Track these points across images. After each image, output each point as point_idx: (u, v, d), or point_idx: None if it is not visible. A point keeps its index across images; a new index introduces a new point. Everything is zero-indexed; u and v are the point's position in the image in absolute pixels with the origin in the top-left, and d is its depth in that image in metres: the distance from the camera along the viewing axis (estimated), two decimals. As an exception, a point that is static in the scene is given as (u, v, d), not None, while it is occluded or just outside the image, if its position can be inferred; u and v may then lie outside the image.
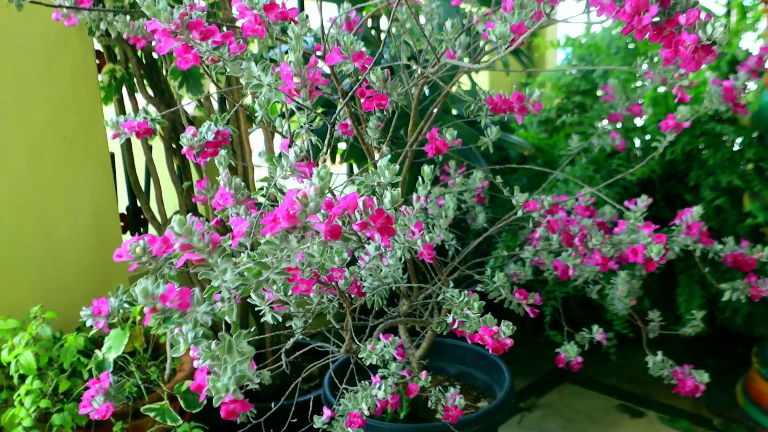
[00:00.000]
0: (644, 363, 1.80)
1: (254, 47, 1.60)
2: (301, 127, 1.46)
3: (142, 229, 2.38)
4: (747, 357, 2.65)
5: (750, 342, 2.79)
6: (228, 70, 1.07)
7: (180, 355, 1.03)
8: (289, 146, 1.15)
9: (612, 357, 2.45)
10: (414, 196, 1.48)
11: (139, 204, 2.25)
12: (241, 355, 0.77)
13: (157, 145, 2.21)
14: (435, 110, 1.53)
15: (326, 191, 0.81)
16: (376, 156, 1.60)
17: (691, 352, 2.77)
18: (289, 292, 1.09)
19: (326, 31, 1.34)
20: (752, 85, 1.74)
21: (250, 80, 1.09)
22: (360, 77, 1.27)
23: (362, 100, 1.23)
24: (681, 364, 1.78)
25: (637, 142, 2.67)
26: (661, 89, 2.57)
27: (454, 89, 1.49)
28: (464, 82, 2.87)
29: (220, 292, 0.91)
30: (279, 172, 1.14)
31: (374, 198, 0.90)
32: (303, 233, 0.81)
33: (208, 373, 0.79)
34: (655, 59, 1.33)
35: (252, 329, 0.93)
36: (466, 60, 1.57)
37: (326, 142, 1.34)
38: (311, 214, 0.81)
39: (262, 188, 1.33)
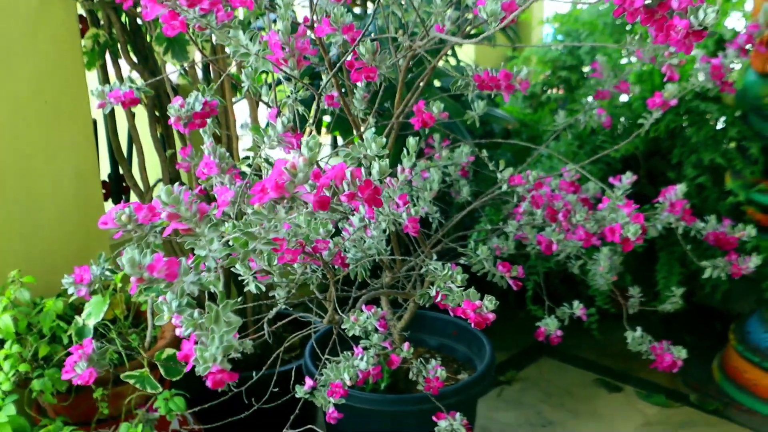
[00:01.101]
0: (623, 339, 1.82)
1: (240, 15, 1.58)
2: (288, 97, 1.45)
3: (123, 197, 2.36)
4: (724, 334, 2.68)
5: (727, 319, 2.82)
6: (215, 38, 1.06)
7: (163, 324, 1.03)
8: (277, 116, 1.14)
9: (594, 333, 2.47)
10: (399, 168, 1.48)
11: (121, 171, 2.23)
12: (228, 325, 0.77)
13: (140, 111, 2.19)
14: (422, 83, 1.52)
15: (315, 162, 0.80)
16: (362, 128, 1.59)
17: (669, 329, 2.80)
18: (274, 262, 1.09)
19: (315, 2, 1.32)
20: (736, 65, 1.74)
21: (237, 49, 1.08)
22: (348, 48, 1.26)
23: (350, 72, 1.22)
24: (659, 340, 1.80)
25: (622, 119, 2.68)
26: (647, 66, 2.57)
27: (441, 63, 1.48)
28: (449, 56, 2.86)
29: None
30: (266, 142, 1.13)
31: (362, 169, 0.90)
32: (291, 204, 0.81)
33: (195, 342, 0.79)
34: (645, 37, 1.33)
35: (239, 299, 0.93)
36: (453, 34, 1.57)
37: (313, 112, 1.33)
38: (300, 185, 0.80)
39: (247, 158, 1.33)
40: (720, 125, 2.51)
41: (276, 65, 1.15)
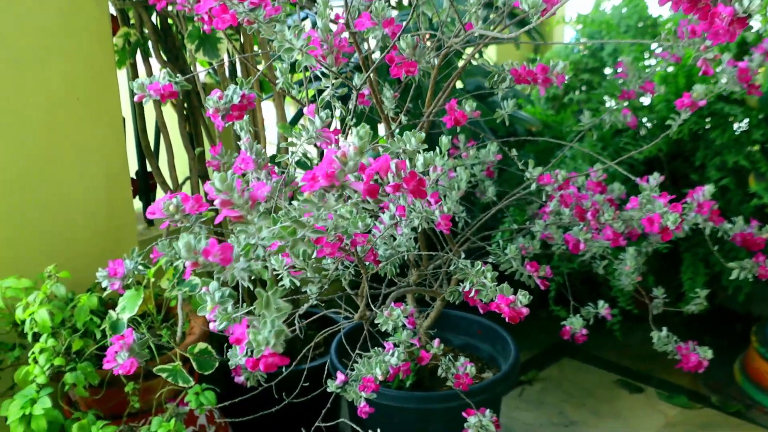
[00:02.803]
0: (644, 339, 1.82)
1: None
2: (320, 91, 1.47)
3: (151, 194, 2.39)
4: (745, 336, 2.68)
5: (748, 321, 2.82)
6: (262, 32, 1.08)
7: (203, 314, 1.05)
8: (316, 112, 1.16)
9: (617, 333, 2.47)
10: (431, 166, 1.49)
11: (149, 168, 2.25)
12: (278, 310, 0.78)
13: (168, 110, 2.21)
14: (453, 83, 1.54)
15: (365, 151, 0.82)
16: (393, 125, 1.61)
17: (690, 330, 2.79)
18: (313, 256, 1.10)
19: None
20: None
21: (282, 43, 1.10)
22: (382, 45, 1.28)
23: (390, 67, 1.24)
24: (682, 340, 1.81)
25: (644, 120, 2.68)
26: (671, 69, 2.57)
27: (477, 60, 1.49)
28: (475, 58, 2.87)
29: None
30: (305, 137, 1.15)
31: (406, 161, 0.91)
32: (340, 192, 0.83)
33: (247, 326, 0.80)
34: (677, 32, 1.34)
35: (285, 287, 0.94)
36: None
37: (350, 108, 1.35)
38: (349, 173, 0.82)
39: (275, 156, 1.34)
40: (744, 127, 2.51)
41: (318, 61, 1.17)
